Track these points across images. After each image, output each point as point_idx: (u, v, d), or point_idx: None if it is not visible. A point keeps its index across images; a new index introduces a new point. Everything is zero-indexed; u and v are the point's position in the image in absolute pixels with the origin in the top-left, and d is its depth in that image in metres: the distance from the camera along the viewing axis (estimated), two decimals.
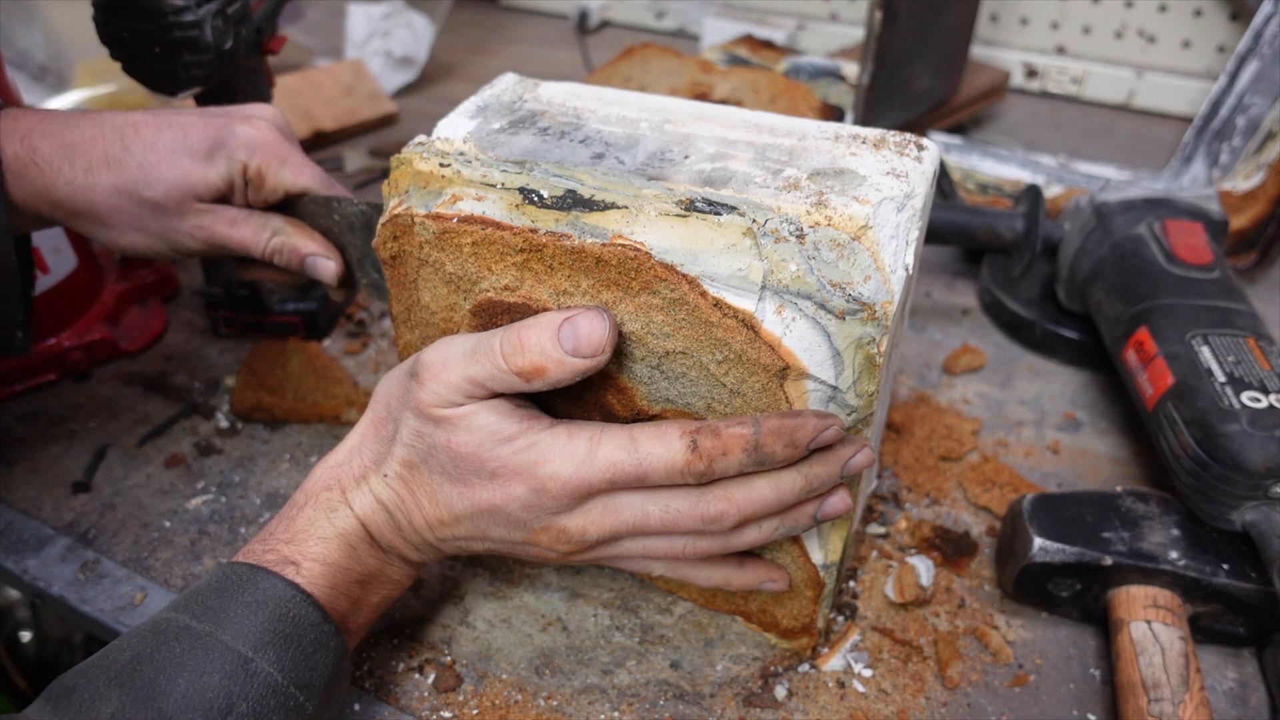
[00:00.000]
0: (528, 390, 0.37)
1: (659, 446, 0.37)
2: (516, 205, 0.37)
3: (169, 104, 0.84)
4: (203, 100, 0.62)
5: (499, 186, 0.38)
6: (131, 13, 0.52)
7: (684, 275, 0.35)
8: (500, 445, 0.38)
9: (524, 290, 0.38)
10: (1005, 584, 0.50)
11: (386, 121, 1.07)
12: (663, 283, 0.35)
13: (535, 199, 0.37)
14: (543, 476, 0.38)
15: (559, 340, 0.36)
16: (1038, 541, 0.47)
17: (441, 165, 0.40)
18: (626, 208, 0.36)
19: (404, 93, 1.15)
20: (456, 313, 0.41)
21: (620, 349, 0.38)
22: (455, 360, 0.38)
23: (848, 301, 0.35)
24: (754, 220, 0.35)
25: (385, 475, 0.41)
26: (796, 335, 0.35)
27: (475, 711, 0.45)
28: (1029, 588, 0.49)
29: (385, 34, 1.13)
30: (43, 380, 0.65)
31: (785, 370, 0.36)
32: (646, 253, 0.35)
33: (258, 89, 0.64)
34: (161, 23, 0.52)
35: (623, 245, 0.35)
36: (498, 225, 0.37)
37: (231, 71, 0.60)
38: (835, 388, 0.36)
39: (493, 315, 0.40)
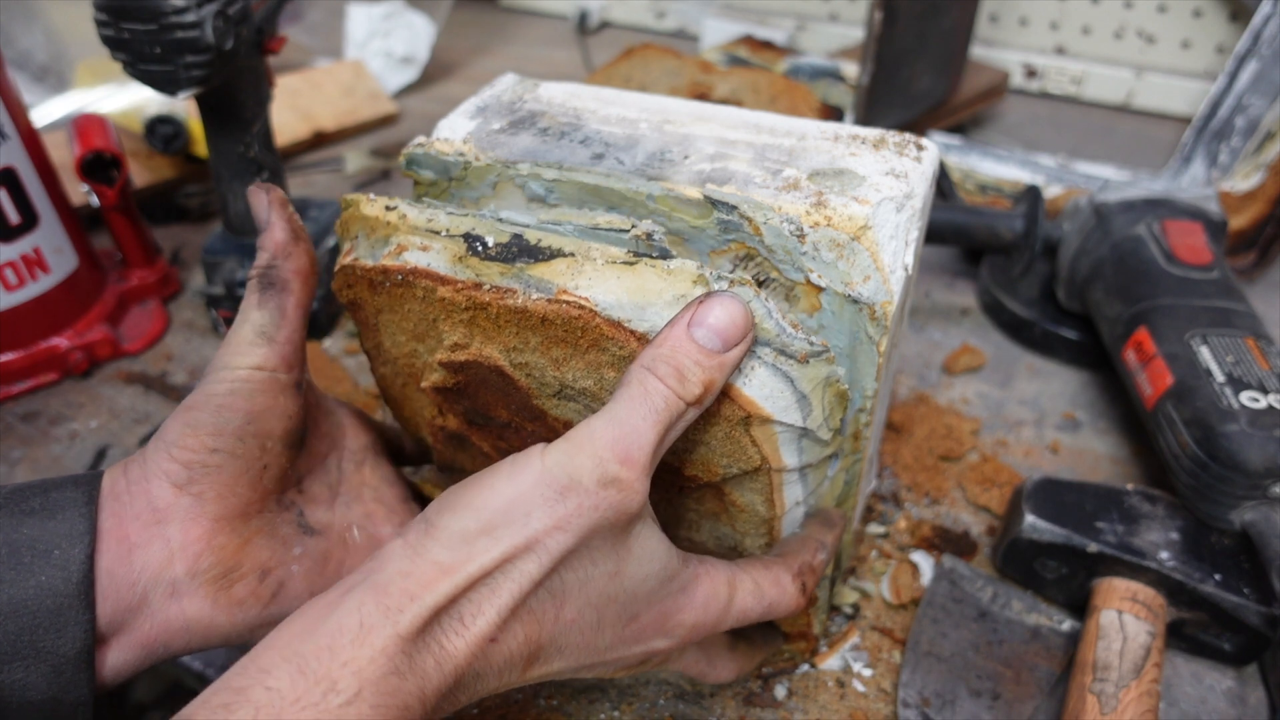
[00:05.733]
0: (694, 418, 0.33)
1: (779, 593, 0.36)
2: (460, 257, 0.36)
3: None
4: (203, 101, 0.62)
5: (443, 234, 0.36)
6: (132, 13, 0.52)
7: (632, 332, 0.33)
8: (662, 586, 0.33)
9: (474, 347, 0.36)
10: (995, 558, 0.51)
11: (386, 121, 1.07)
12: (610, 340, 0.33)
13: (479, 248, 0.36)
14: (673, 624, 0.34)
15: (705, 347, 0.31)
16: (1029, 518, 0.48)
17: (387, 209, 0.38)
18: (573, 255, 0.35)
19: (404, 93, 1.15)
20: (418, 359, 0.40)
21: (583, 404, 0.37)
22: (639, 439, 0.30)
23: (810, 344, 0.34)
24: (704, 266, 0.34)
25: (470, 630, 0.29)
26: (756, 384, 0.34)
27: (475, 711, 0.45)
28: (1015, 563, 0.50)
29: (385, 34, 1.13)
30: (44, 380, 0.65)
31: (748, 418, 0.34)
32: (591, 310, 0.33)
33: (258, 89, 0.64)
34: (162, 23, 0.52)
35: (567, 303, 0.33)
36: (442, 280, 0.36)
37: (232, 72, 0.60)
38: (804, 429, 0.36)
39: (451, 374, 0.38)
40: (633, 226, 0.36)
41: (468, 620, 0.28)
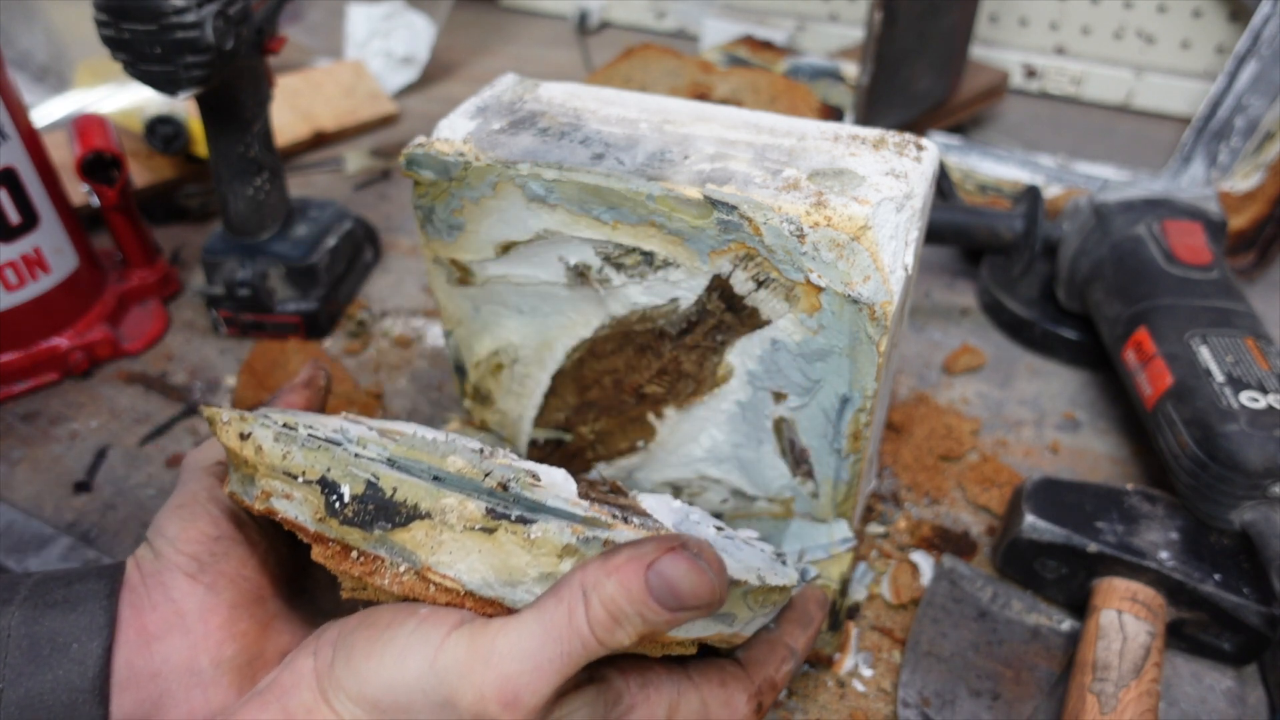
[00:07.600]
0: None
1: (728, 716, 0.34)
2: (320, 517, 0.32)
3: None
4: (203, 101, 0.62)
5: (301, 479, 0.33)
6: (132, 13, 0.52)
7: (509, 609, 0.30)
8: None
9: (370, 593, 0.33)
10: (995, 558, 0.51)
11: (387, 121, 1.07)
12: (489, 613, 0.31)
13: (337, 505, 0.32)
14: None
15: (655, 597, 0.28)
16: (1029, 518, 0.48)
17: (242, 438, 0.33)
18: (429, 517, 0.31)
19: (404, 93, 1.15)
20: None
21: None
22: (534, 684, 0.28)
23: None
24: (573, 531, 0.30)
25: None
26: None
27: None
28: (1015, 563, 0.50)
29: (385, 34, 1.13)
30: (44, 380, 0.65)
31: (668, 644, 0.32)
32: (460, 594, 0.31)
33: (258, 89, 0.64)
34: (162, 23, 0.52)
35: (436, 584, 0.31)
36: (313, 538, 0.33)
37: (232, 72, 0.60)
38: (734, 631, 0.33)
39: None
40: (485, 476, 0.32)
41: None
